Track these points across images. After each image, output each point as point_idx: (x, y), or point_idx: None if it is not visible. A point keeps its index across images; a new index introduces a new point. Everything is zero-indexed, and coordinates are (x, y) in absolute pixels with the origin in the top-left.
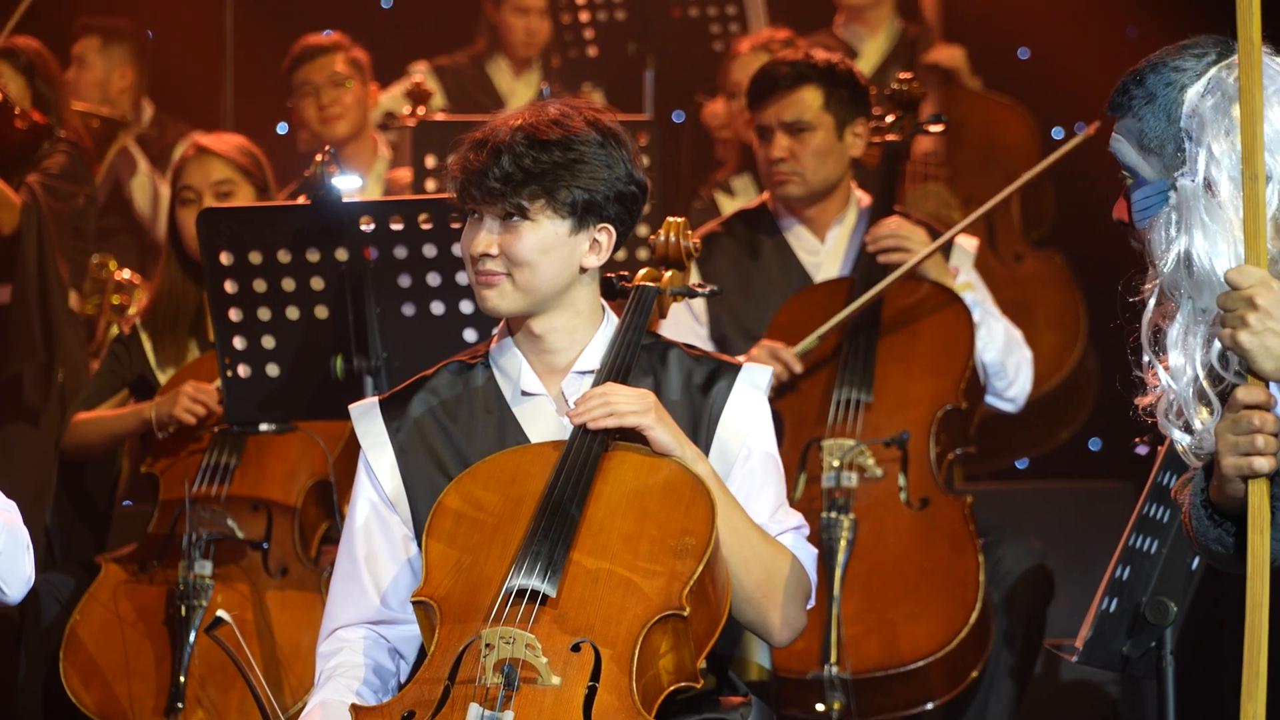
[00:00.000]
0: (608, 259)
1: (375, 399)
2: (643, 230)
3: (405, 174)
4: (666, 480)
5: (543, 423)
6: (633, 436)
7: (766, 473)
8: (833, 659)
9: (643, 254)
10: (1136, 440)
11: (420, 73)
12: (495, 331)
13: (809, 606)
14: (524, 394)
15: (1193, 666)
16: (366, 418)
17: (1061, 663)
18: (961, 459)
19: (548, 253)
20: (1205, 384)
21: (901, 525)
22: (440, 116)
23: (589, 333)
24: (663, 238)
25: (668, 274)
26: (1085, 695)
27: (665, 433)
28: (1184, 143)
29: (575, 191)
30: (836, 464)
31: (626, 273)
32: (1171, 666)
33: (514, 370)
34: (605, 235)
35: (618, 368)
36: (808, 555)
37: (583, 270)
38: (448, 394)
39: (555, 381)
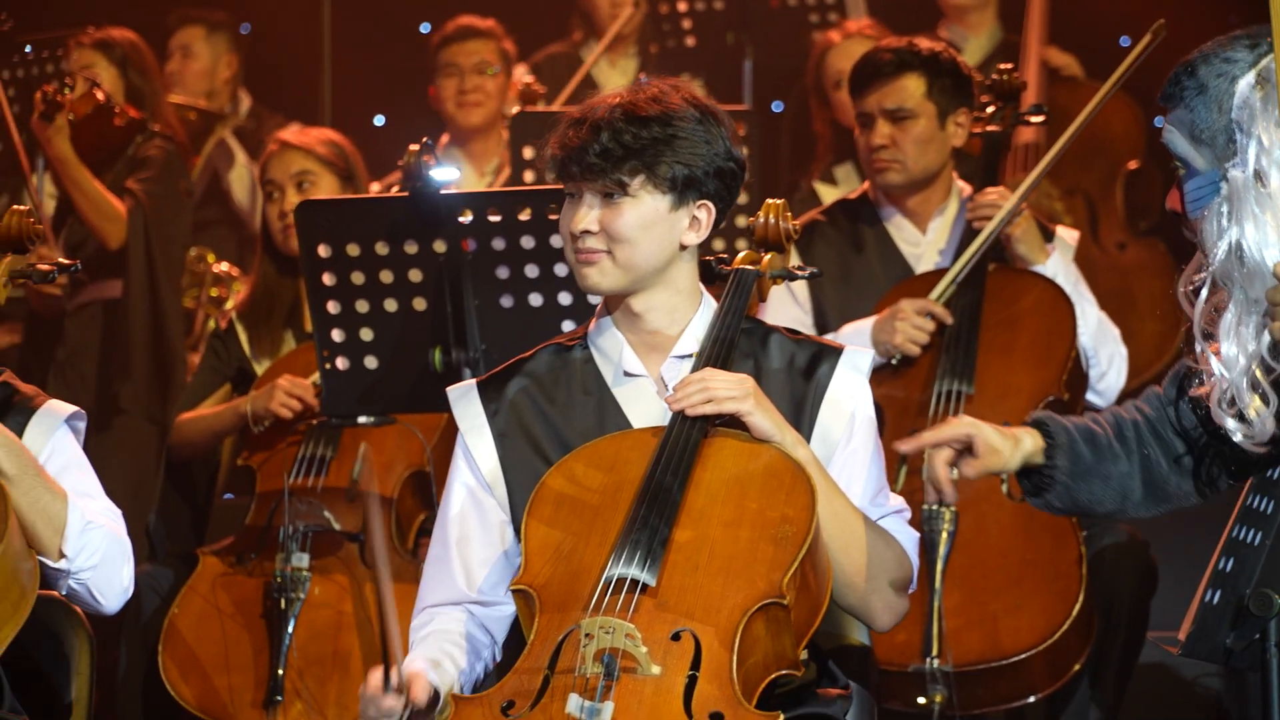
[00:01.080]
0: (707, 236)
1: (473, 381)
2: (741, 221)
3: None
4: (767, 466)
5: (643, 404)
6: (733, 422)
7: (869, 455)
8: (934, 652)
9: (741, 243)
10: None
11: (519, 74)
12: (594, 315)
13: (910, 591)
14: (626, 374)
15: None
16: (464, 400)
17: (1165, 655)
18: None
19: (648, 229)
20: (1258, 373)
21: (1003, 517)
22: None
23: (688, 313)
24: (762, 220)
25: (767, 257)
26: (1188, 688)
27: (764, 418)
28: (1235, 134)
29: (675, 167)
30: None
31: (725, 255)
32: (1276, 659)
33: (614, 351)
34: (705, 212)
35: (717, 352)
36: (909, 539)
37: (682, 247)
38: (546, 376)
39: (656, 362)
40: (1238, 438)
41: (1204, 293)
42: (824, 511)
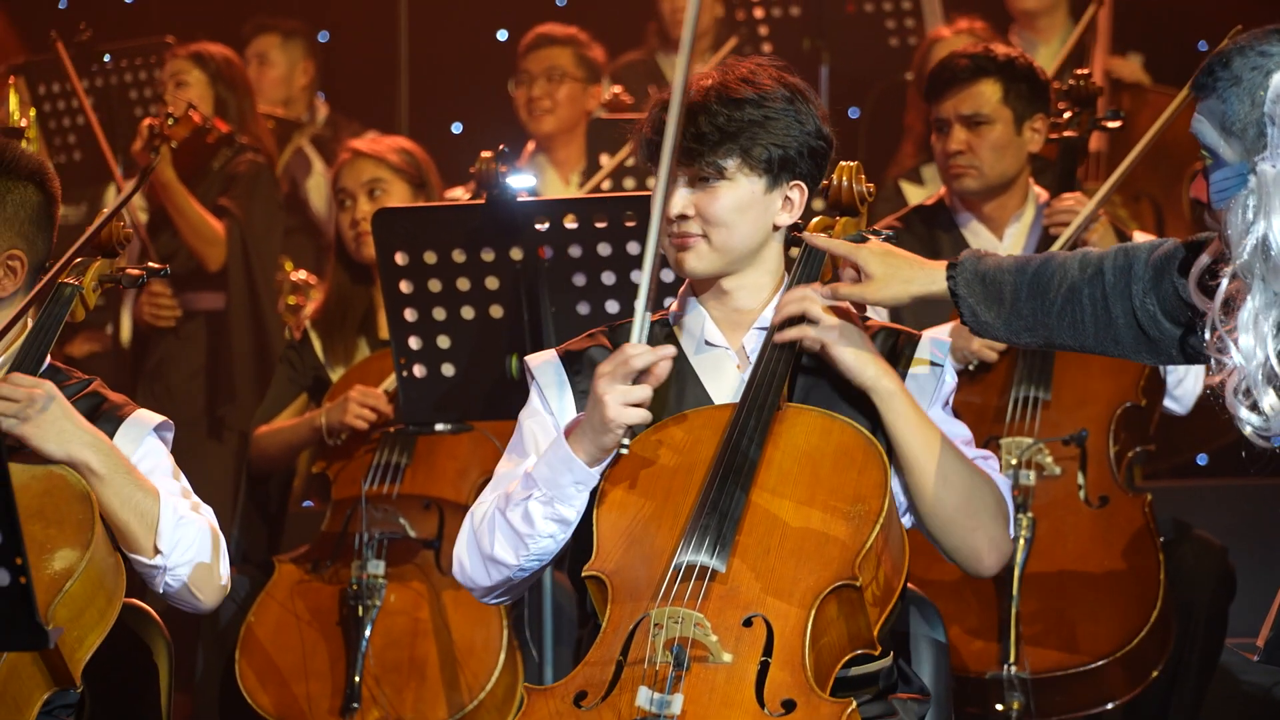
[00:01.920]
0: (799, 216)
1: (551, 350)
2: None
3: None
4: (839, 444)
5: (723, 377)
6: (807, 399)
7: (952, 415)
8: (1011, 658)
9: (818, 204)
10: None
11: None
12: (678, 296)
13: (1010, 536)
14: (707, 344)
15: None
16: (545, 362)
17: (1244, 662)
18: (1141, 456)
19: (744, 212)
20: (1276, 367)
21: (1080, 524)
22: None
23: (773, 289)
24: (836, 182)
25: (841, 221)
26: (1267, 694)
27: (843, 347)
28: (1266, 127)
29: (770, 148)
30: (1015, 462)
31: (801, 221)
32: None
33: (696, 325)
34: (798, 192)
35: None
36: (1002, 481)
37: (775, 228)
38: None
39: (738, 336)
40: (1248, 430)
41: (1224, 283)
42: (920, 444)
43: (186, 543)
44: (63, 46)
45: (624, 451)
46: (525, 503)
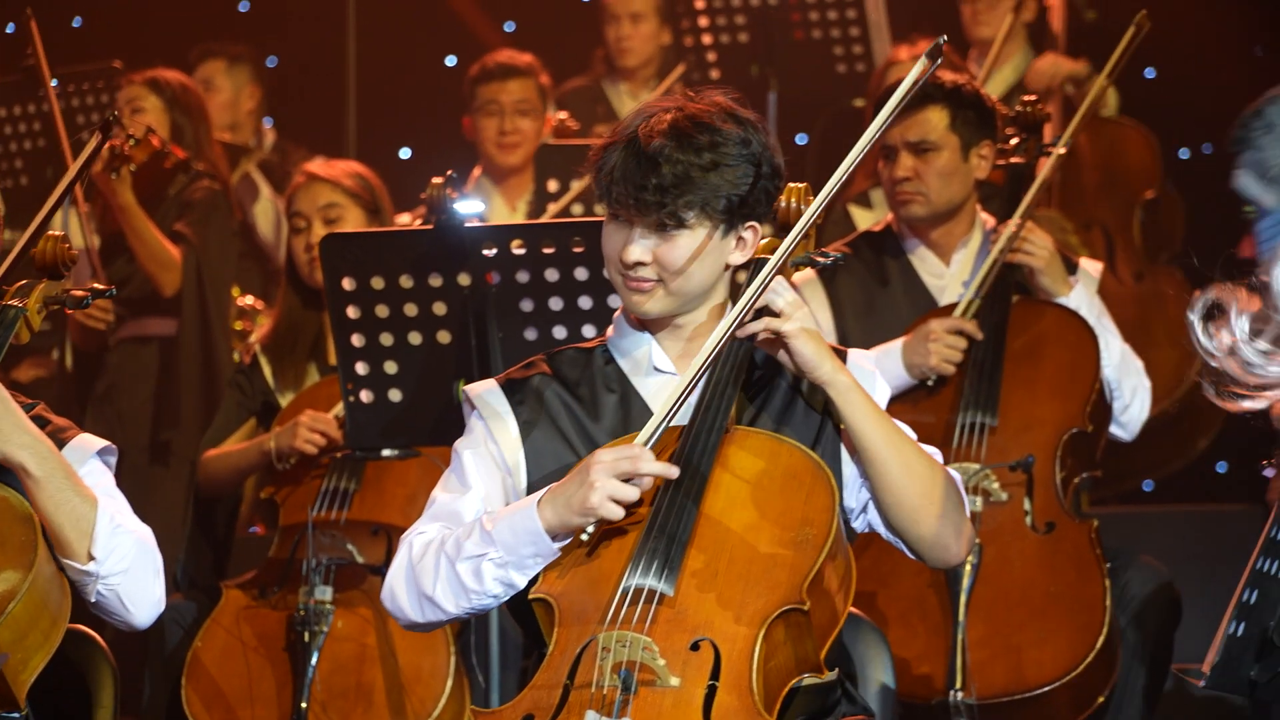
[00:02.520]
0: (752, 254)
1: (491, 379)
2: None
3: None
4: (787, 467)
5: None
6: (754, 422)
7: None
8: (958, 684)
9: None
10: (1264, 463)
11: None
12: (613, 323)
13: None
14: (655, 369)
15: None
16: (486, 393)
17: (1189, 687)
18: (1088, 482)
19: (702, 259)
20: None
21: (1027, 549)
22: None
23: (720, 317)
24: (784, 204)
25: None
26: None
27: (804, 339)
28: None
29: (730, 197)
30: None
31: None
32: None
33: (640, 350)
34: (751, 232)
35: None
36: (953, 472)
37: (727, 267)
38: (569, 374)
39: (685, 362)
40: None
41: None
42: (879, 434)
43: (121, 552)
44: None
45: (584, 537)
46: (479, 560)
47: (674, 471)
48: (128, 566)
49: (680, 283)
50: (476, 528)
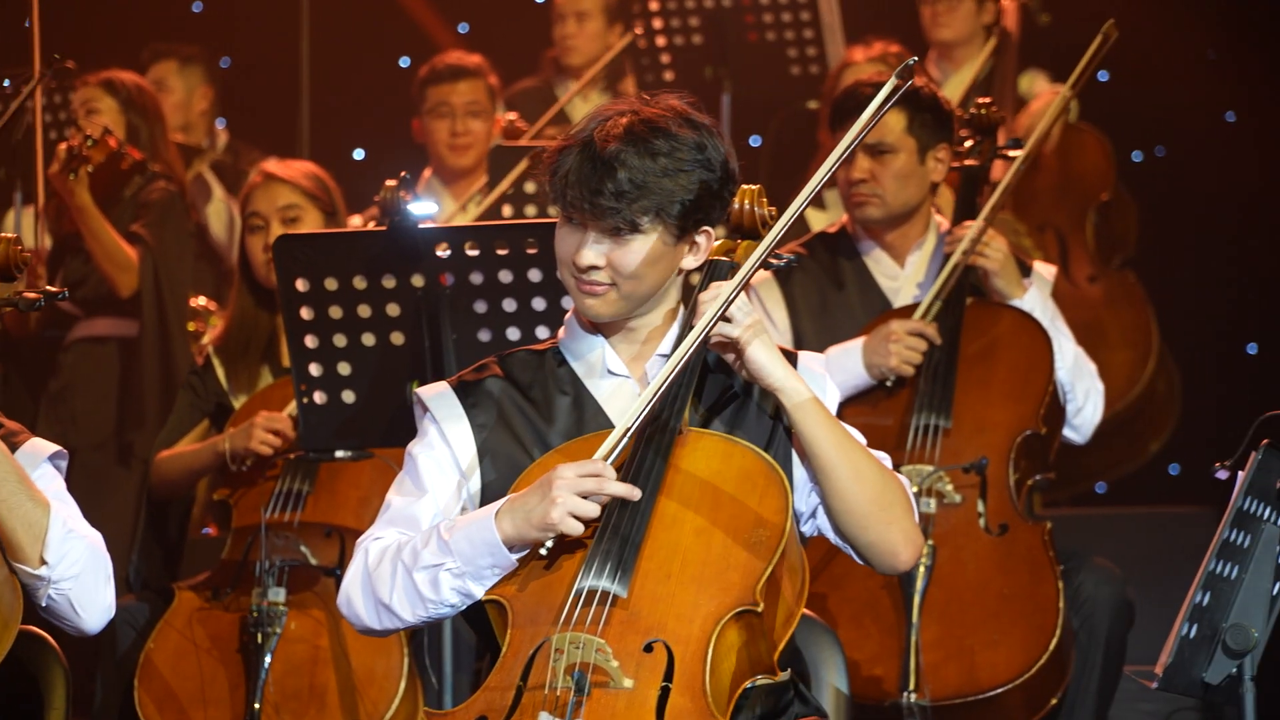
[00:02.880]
0: (705, 257)
1: (444, 382)
2: None
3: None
4: (740, 468)
5: (623, 402)
6: (706, 422)
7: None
8: (911, 686)
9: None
10: (1217, 465)
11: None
12: (565, 325)
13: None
14: (609, 372)
15: (1274, 693)
16: (438, 395)
17: (1142, 689)
18: (1041, 485)
19: (655, 264)
20: None
21: (980, 551)
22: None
23: (674, 318)
24: (737, 206)
25: (742, 245)
26: None
27: (757, 346)
28: None
29: (684, 201)
30: (915, 490)
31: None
32: (1252, 693)
33: (593, 353)
34: (704, 237)
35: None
36: (903, 478)
37: (680, 271)
38: (521, 377)
39: (639, 365)
40: None
41: None
42: (831, 441)
43: (73, 557)
44: None
45: (542, 552)
46: (435, 570)
47: (636, 493)
48: (79, 572)
49: (633, 286)
50: (434, 536)
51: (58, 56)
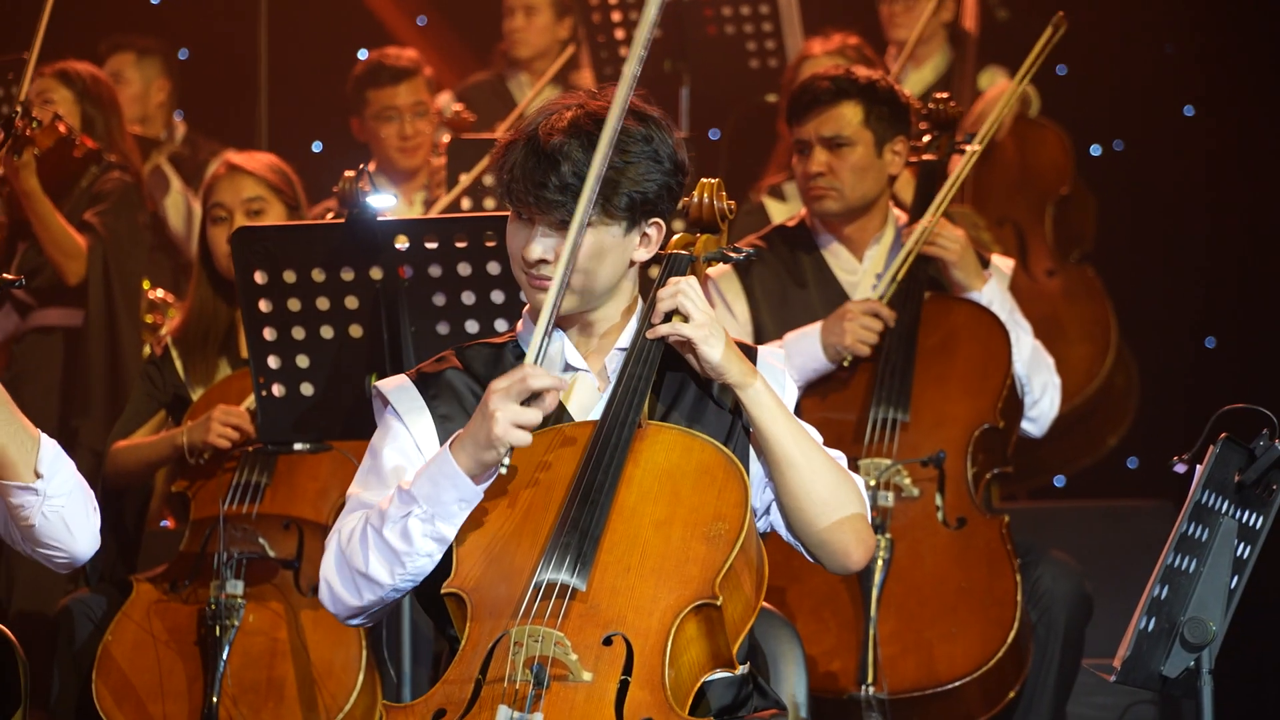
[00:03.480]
0: (656, 250)
1: (403, 375)
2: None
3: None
4: (700, 462)
5: (584, 397)
6: (666, 416)
7: (805, 426)
8: (869, 679)
9: (679, 223)
10: (1175, 459)
11: (444, 102)
12: (521, 319)
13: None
14: (568, 367)
15: (1231, 686)
16: (399, 388)
17: (1100, 682)
18: (999, 478)
19: (603, 257)
20: None
21: (938, 545)
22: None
23: (631, 312)
24: (696, 199)
25: (701, 239)
26: (1123, 716)
27: (711, 344)
28: None
29: (631, 194)
30: (873, 483)
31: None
32: (1209, 686)
33: (554, 348)
34: (655, 229)
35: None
36: (857, 478)
37: (632, 263)
38: (482, 369)
39: (599, 359)
40: None
41: None
42: (786, 436)
43: (65, 474)
44: None
45: (502, 470)
46: (404, 520)
47: (564, 382)
48: (71, 489)
49: (584, 281)
50: (395, 492)
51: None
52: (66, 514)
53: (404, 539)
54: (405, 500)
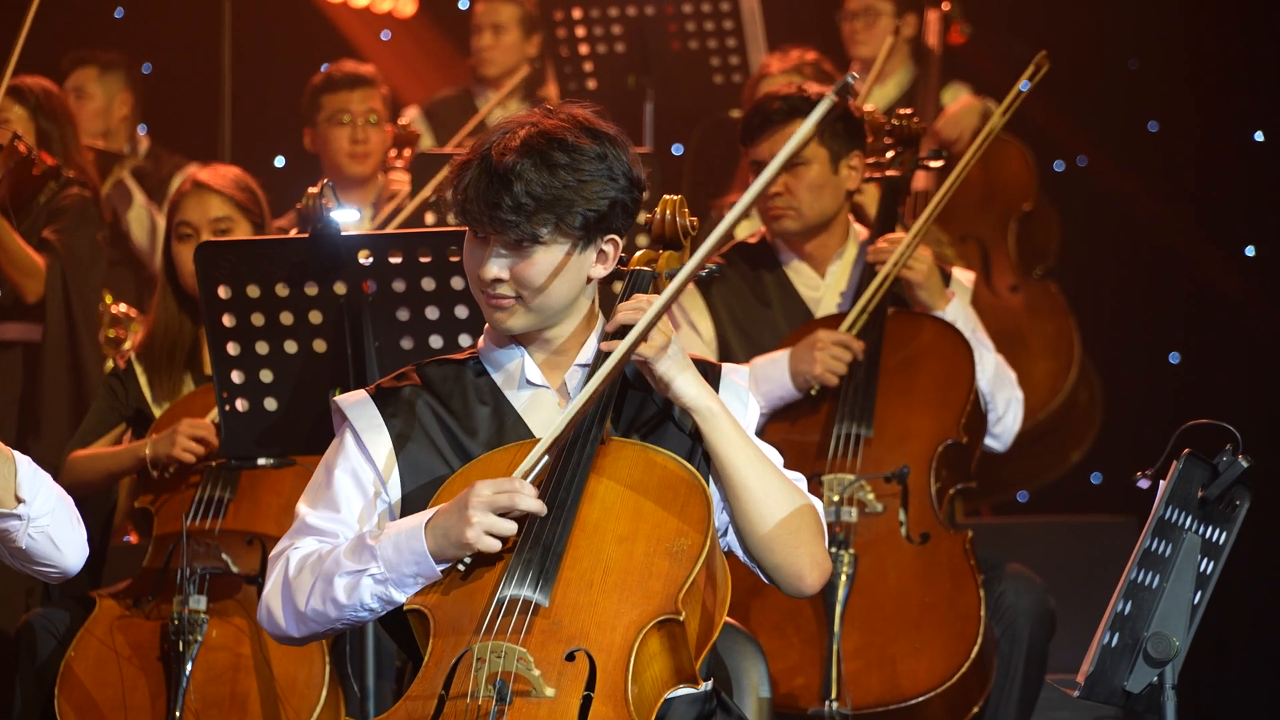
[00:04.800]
0: (614, 266)
1: (362, 390)
2: (640, 217)
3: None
4: (662, 478)
5: (545, 413)
6: (629, 431)
7: (763, 444)
8: (833, 694)
9: (642, 239)
10: (1138, 474)
11: (411, 117)
12: (484, 335)
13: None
14: (528, 383)
15: (1194, 702)
16: (357, 404)
17: (1063, 698)
18: (962, 493)
19: (559, 275)
20: None
21: (902, 560)
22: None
23: (590, 329)
24: (659, 215)
25: (664, 255)
26: None
27: (670, 363)
28: None
29: (586, 213)
30: (836, 499)
31: (624, 254)
32: (1173, 701)
33: (512, 363)
34: (611, 245)
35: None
36: (815, 500)
37: (589, 280)
38: (441, 387)
39: (558, 375)
40: None
41: None
42: (742, 461)
43: (46, 492)
44: None
45: (460, 568)
46: (358, 576)
47: (543, 509)
48: (54, 506)
49: (540, 300)
50: (358, 543)
51: None
52: (53, 532)
53: (350, 593)
54: (365, 556)
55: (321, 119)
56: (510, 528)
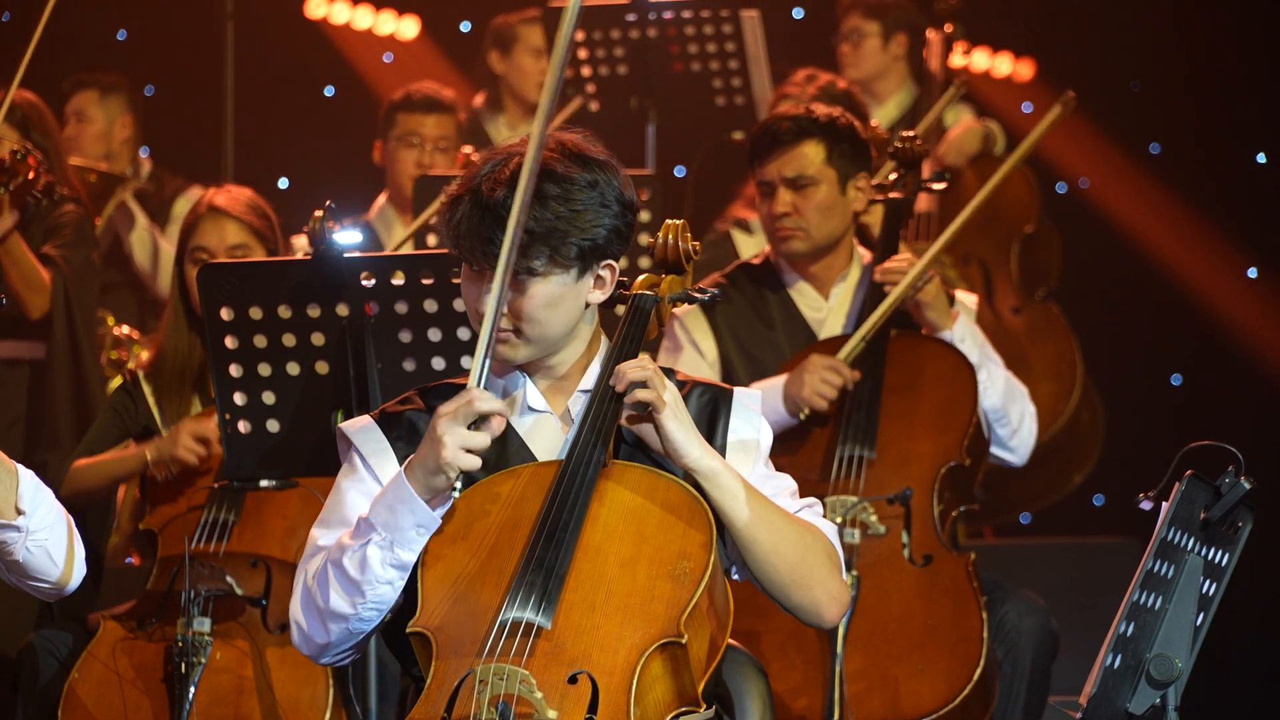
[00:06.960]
0: (613, 290)
1: (367, 416)
2: (642, 239)
3: None
4: (665, 501)
5: (548, 438)
6: (633, 455)
7: (774, 474)
8: (836, 716)
9: (645, 262)
10: (1141, 496)
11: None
12: None
13: (844, 579)
14: (530, 409)
15: None
16: (363, 430)
17: (1066, 719)
18: (965, 515)
19: (556, 305)
20: None
21: (905, 582)
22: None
23: (593, 353)
24: (661, 240)
25: (666, 280)
26: None
27: (679, 425)
28: None
29: (580, 243)
30: (839, 521)
31: (625, 279)
32: None
33: (517, 390)
34: (608, 271)
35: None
36: (829, 529)
37: (587, 306)
38: None
39: (559, 400)
40: None
41: None
42: (748, 518)
43: (47, 507)
44: None
45: (455, 496)
46: (363, 549)
47: (504, 407)
48: (54, 520)
49: (538, 330)
50: (356, 524)
51: None
52: (50, 546)
53: (362, 567)
54: (363, 529)
55: (393, 135)
56: (484, 439)
